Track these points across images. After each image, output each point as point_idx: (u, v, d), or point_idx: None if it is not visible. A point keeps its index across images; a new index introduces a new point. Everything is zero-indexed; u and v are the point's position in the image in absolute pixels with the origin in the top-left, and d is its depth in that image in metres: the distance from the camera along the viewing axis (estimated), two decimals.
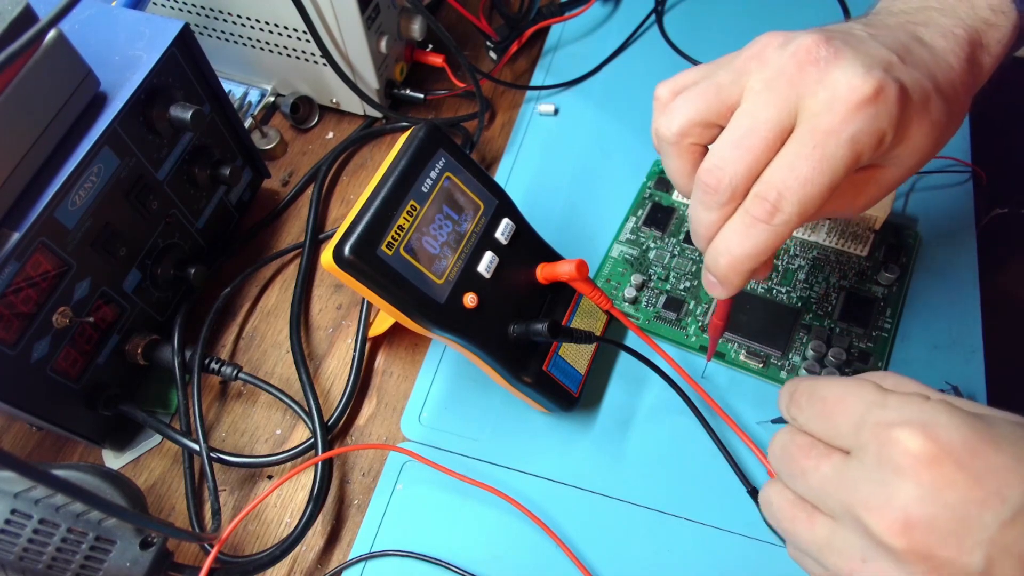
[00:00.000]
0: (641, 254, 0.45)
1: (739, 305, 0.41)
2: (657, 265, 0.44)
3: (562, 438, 0.40)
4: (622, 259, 0.45)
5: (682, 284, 0.43)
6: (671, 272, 0.44)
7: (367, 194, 0.32)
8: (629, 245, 0.45)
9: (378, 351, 0.44)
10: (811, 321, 0.41)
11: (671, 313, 0.42)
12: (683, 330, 0.42)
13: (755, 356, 0.40)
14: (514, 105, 0.54)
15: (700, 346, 0.41)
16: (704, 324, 0.42)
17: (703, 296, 0.42)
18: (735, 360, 0.40)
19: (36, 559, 0.30)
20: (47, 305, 0.34)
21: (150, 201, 0.39)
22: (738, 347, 0.41)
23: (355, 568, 0.37)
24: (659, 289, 0.43)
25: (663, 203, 0.47)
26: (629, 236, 0.46)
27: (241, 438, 0.42)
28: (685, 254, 0.44)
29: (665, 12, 0.58)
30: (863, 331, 0.40)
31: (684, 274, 0.44)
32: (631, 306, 0.43)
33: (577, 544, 0.37)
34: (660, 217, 0.46)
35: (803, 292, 0.42)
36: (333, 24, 0.47)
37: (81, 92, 0.34)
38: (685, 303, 0.42)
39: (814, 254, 0.43)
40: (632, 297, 0.43)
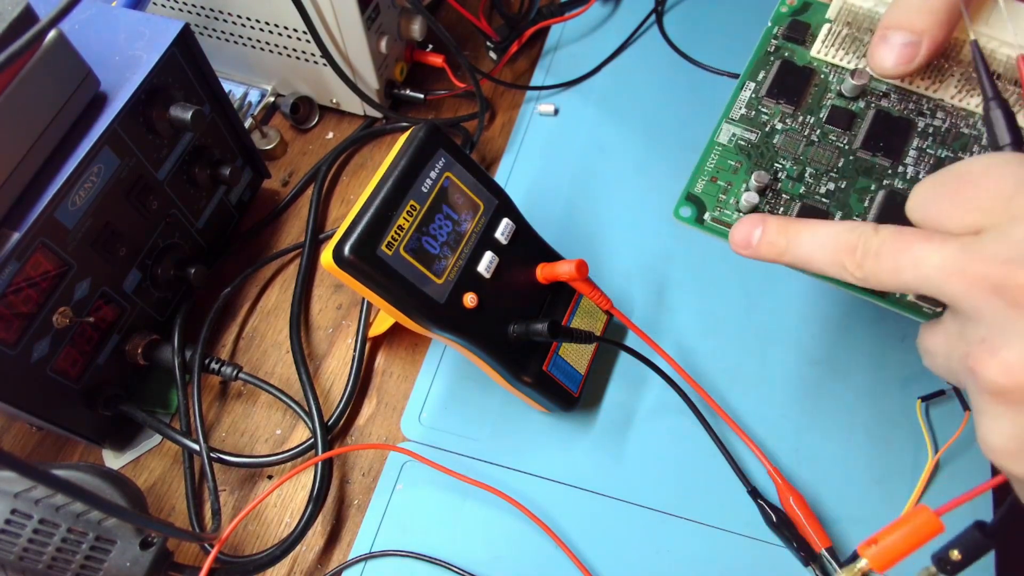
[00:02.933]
0: (763, 139, 0.32)
1: (900, 213, 0.27)
2: (787, 157, 0.32)
3: (562, 438, 0.40)
4: (734, 147, 0.32)
5: (824, 185, 0.31)
6: (807, 167, 0.31)
7: (367, 194, 0.32)
8: (745, 125, 0.33)
9: (378, 351, 0.44)
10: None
11: None
12: None
13: (930, 301, 0.28)
14: (514, 105, 0.54)
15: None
16: None
17: (854, 206, 0.30)
18: (902, 302, 0.28)
19: (36, 559, 0.30)
20: (47, 305, 0.34)
21: (150, 201, 0.39)
22: None
23: (355, 568, 0.37)
24: (789, 194, 0.31)
25: (796, 61, 0.33)
26: (745, 112, 0.33)
27: (241, 438, 0.42)
28: (828, 140, 0.32)
29: (665, 12, 0.58)
30: None
31: (827, 172, 0.31)
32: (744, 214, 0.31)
33: (577, 544, 0.37)
34: (791, 83, 0.33)
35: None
36: (333, 24, 0.47)
37: (81, 92, 0.34)
38: (829, 214, 0.30)
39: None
40: (752, 205, 0.31)
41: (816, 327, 0.43)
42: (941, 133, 0.31)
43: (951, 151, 0.31)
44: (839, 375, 0.41)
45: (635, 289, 0.45)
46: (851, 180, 0.31)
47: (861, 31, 0.32)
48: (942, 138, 0.31)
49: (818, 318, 0.43)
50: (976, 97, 0.30)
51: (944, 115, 0.31)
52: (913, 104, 0.32)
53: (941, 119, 0.31)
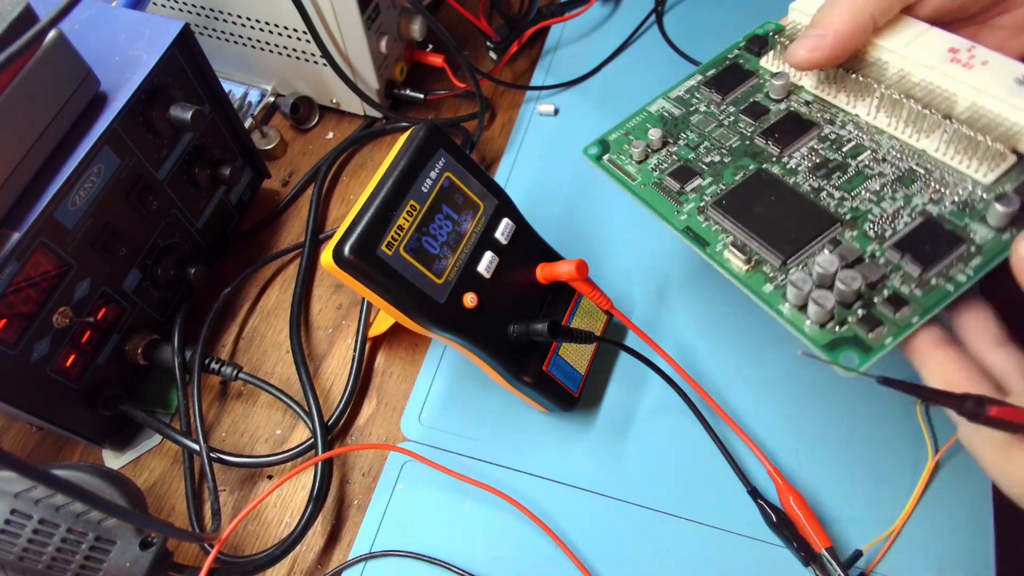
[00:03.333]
0: (684, 116, 0.36)
1: (761, 192, 0.32)
2: (694, 130, 0.36)
3: (562, 438, 0.40)
4: (658, 115, 0.37)
5: (710, 156, 0.34)
6: (705, 141, 0.35)
7: (367, 194, 0.32)
8: (676, 104, 0.37)
9: (378, 351, 0.44)
10: (847, 237, 0.30)
11: (675, 183, 0.34)
12: (677, 205, 0.34)
13: (741, 253, 0.31)
14: (514, 105, 0.54)
15: (686, 227, 0.33)
16: (705, 205, 0.33)
17: (726, 176, 0.33)
18: (714, 253, 0.32)
19: (36, 559, 0.30)
20: (47, 305, 0.34)
21: (150, 201, 0.39)
22: (727, 237, 0.32)
23: (355, 568, 0.37)
24: (678, 156, 0.35)
25: (746, 66, 0.37)
26: (681, 94, 0.37)
27: (241, 438, 0.42)
28: (736, 127, 0.35)
29: (665, 12, 0.58)
30: (919, 271, 0.28)
31: (719, 148, 0.34)
32: (634, 165, 0.35)
33: (577, 544, 0.37)
34: (730, 81, 0.37)
35: (863, 204, 0.31)
36: (333, 24, 0.47)
37: (81, 92, 0.34)
38: (698, 176, 0.34)
39: (911, 164, 0.31)
40: (640, 155, 0.35)
41: None
42: (841, 141, 0.33)
43: (841, 155, 0.33)
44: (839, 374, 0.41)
45: (635, 289, 0.45)
46: (736, 158, 0.34)
47: None
48: (839, 145, 0.33)
49: None
50: (888, 116, 0.32)
51: (853, 128, 0.33)
52: (829, 115, 0.34)
53: (848, 131, 0.33)
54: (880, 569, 0.36)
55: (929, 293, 0.28)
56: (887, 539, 0.36)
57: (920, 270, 0.28)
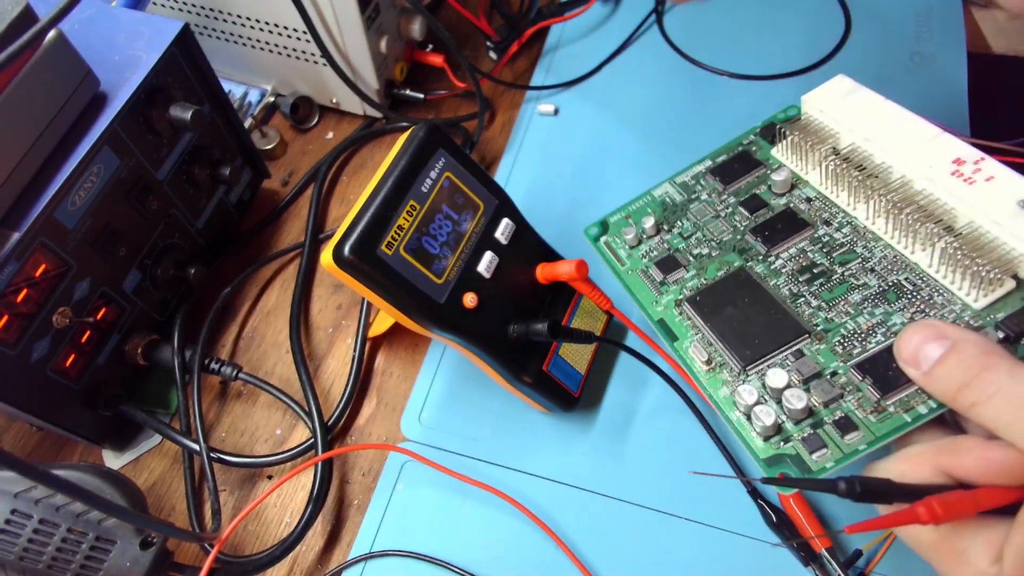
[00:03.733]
0: (684, 202, 0.37)
1: (738, 295, 0.33)
2: (691, 219, 0.36)
3: (562, 438, 0.40)
4: (660, 200, 0.38)
5: (699, 248, 0.35)
6: (699, 231, 0.36)
7: (367, 194, 0.32)
8: (680, 189, 0.38)
9: (378, 351, 0.44)
10: (812, 350, 0.30)
11: (659, 272, 0.35)
12: (657, 295, 0.35)
13: (704, 354, 0.32)
14: (514, 105, 0.54)
15: (660, 320, 0.34)
16: (682, 299, 0.34)
17: (710, 271, 0.34)
18: (680, 349, 0.33)
19: (36, 559, 0.30)
20: (47, 305, 0.34)
21: (150, 201, 0.39)
22: (700, 338, 0.32)
23: (355, 568, 0.37)
24: (669, 245, 0.36)
25: (756, 155, 0.37)
26: (687, 180, 0.38)
27: (241, 438, 0.42)
28: (732, 219, 0.36)
29: (665, 12, 0.58)
30: (876, 398, 0.28)
31: (711, 240, 0.35)
32: (626, 250, 0.37)
33: (577, 544, 0.37)
34: (736, 169, 0.37)
35: (838, 316, 0.30)
36: (333, 24, 0.47)
37: (81, 92, 0.34)
38: (683, 268, 0.35)
39: (900, 277, 0.30)
40: (633, 240, 0.36)
41: None
42: (833, 245, 0.33)
43: (829, 261, 0.32)
44: None
45: None
46: (723, 253, 0.35)
47: (815, 143, 0.34)
48: (830, 248, 0.33)
49: None
50: (886, 222, 0.31)
51: (850, 231, 0.33)
52: (828, 214, 0.34)
53: (843, 234, 0.33)
54: (880, 569, 0.36)
55: (884, 421, 0.27)
56: (887, 539, 0.36)
57: (878, 396, 0.27)
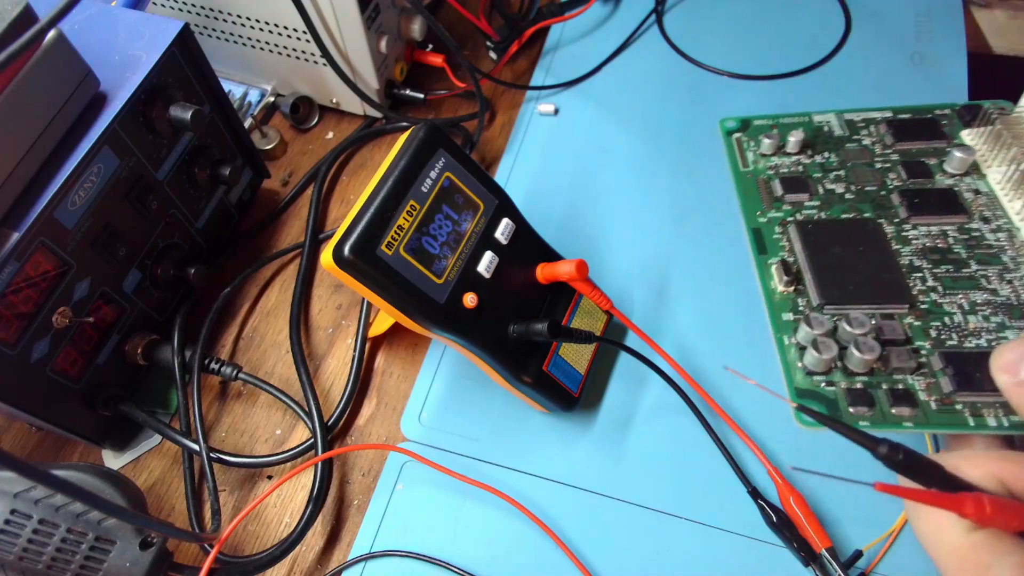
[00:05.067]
0: (842, 138, 0.35)
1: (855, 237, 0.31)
2: (840, 156, 0.35)
3: (562, 438, 0.40)
4: (816, 125, 0.36)
5: (835, 185, 0.34)
6: (844, 170, 0.35)
7: (367, 194, 0.32)
8: (844, 125, 0.36)
9: (378, 351, 0.44)
10: (904, 322, 0.29)
11: (781, 188, 0.34)
12: (766, 207, 0.34)
13: (787, 275, 0.30)
14: (514, 105, 0.54)
15: (756, 228, 0.33)
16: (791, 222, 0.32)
17: (834, 210, 0.33)
18: (763, 263, 0.32)
19: (36, 559, 0.30)
20: (47, 305, 0.34)
21: (150, 201, 0.39)
22: (789, 257, 0.31)
23: (355, 568, 0.37)
24: (804, 168, 0.34)
25: (944, 128, 0.35)
26: (855, 119, 0.36)
27: (241, 438, 0.42)
28: (885, 174, 0.34)
29: (665, 12, 0.58)
30: (950, 389, 0.27)
31: (852, 183, 0.34)
32: (755, 155, 0.35)
33: (577, 544, 0.37)
34: (915, 131, 0.35)
35: (950, 306, 0.29)
36: (333, 24, 0.47)
37: (81, 92, 0.34)
38: (807, 195, 0.33)
39: None
40: (768, 148, 0.35)
41: None
42: (980, 242, 0.31)
43: (967, 253, 0.31)
44: None
45: (635, 289, 0.45)
46: (859, 200, 0.33)
47: (1011, 138, 0.33)
48: (975, 245, 0.31)
49: None
50: None
51: (1005, 239, 0.31)
52: (990, 213, 0.32)
53: (996, 238, 0.31)
54: (880, 569, 0.36)
55: (944, 413, 0.27)
56: (887, 539, 0.36)
57: (953, 388, 0.27)
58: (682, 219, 0.47)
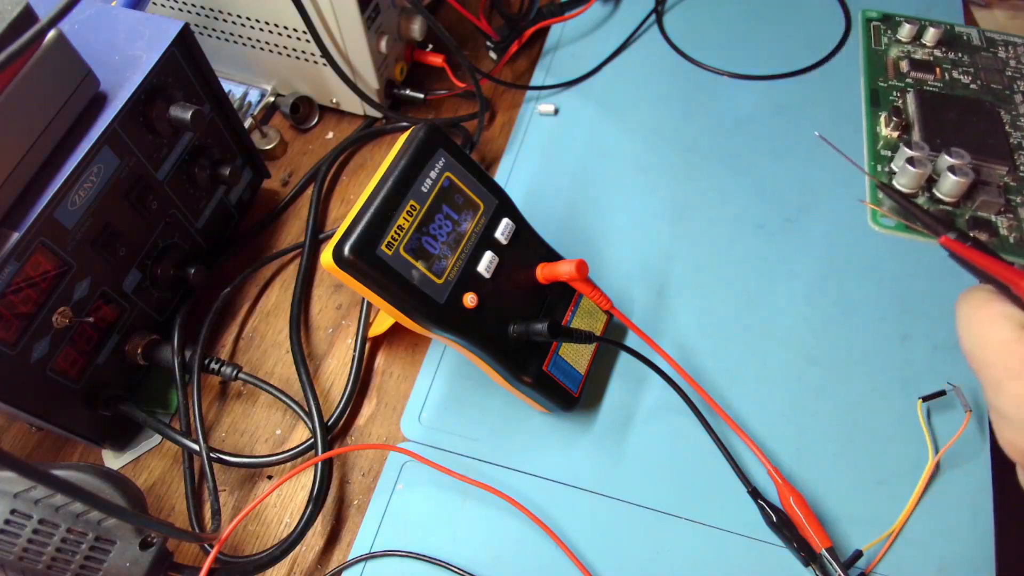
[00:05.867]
0: (981, 46, 0.38)
1: (971, 112, 0.33)
2: (973, 61, 0.38)
3: (562, 438, 0.40)
4: (957, 32, 0.39)
5: (962, 77, 0.37)
6: (975, 67, 0.38)
7: (367, 194, 0.32)
8: (984, 38, 0.39)
9: (378, 351, 0.44)
10: (1002, 174, 0.31)
11: (909, 66, 0.36)
12: (888, 78, 0.36)
13: (897, 118, 0.33)
14: (514, 105, 0.54)
15: (873, 89, 0.35)
16: (908, 91, 0.35)
17: (957, 91, 0.36)
18: (873, 120, 0.34)
19: (36, 559, 0.30)
20: (47, 305, 0.34)
21: (150, 201, 0.39)
22: (896, 106, 0.33)
23: (355, 568, 0.37)
24: (931, 57, 0.37)
25: None
26: (999, 37, 0.40)
27: (241, 438, 0.42)
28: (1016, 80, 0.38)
29: (665, 12, 0.58)
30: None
31: (983, 79, 0.37)
32: (890, 41, 0.38)
33: (577, 544, 0.37)
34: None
35: None
36: (333, 24, 0.47)
37: (81, 92, 0.34)
38: (934, 74, 0.36)
39: None
40: (907, 36, 0.38)
41: (816, 327, 0.43)
42: None
43: None
44: (839, 375, 0.41)
45: (635, 289, 0.45)
46: (981, 91, 0.36)
47: None
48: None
49: (818, 318, 0.43)
50: None
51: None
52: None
53: None
54: (880, 569, 0.36)
55: (1022, 247, 0.28)
56: (887, 539, 0.36)
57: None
58: (682, 219, 0.47)
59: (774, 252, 0.46)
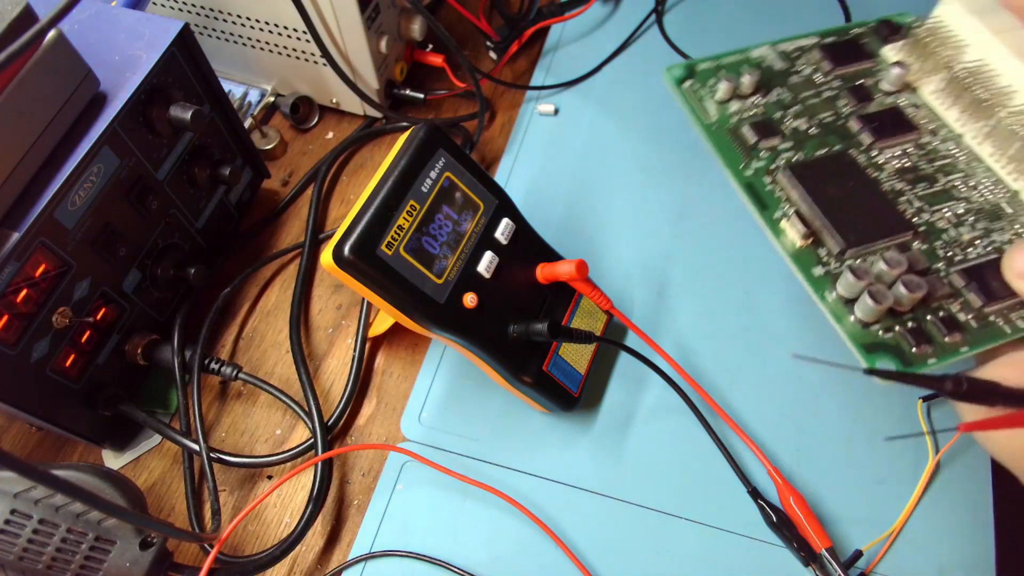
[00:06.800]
0: (784, 71, 0.34)
1: (841, 175, 0.30)
2: (791, 91, 0.34)
3: (562, 438, 0.40)
4: (758, 61, 0.35)
5: (797, 123, 0.32)
6: (800, 105, 0.33)
7: (367, 194, 0.32)
8: (781, 57, 0.35)
9: (378, 351, 0.44)
10: (915, 247, 0.29)
11: (752, 135, 0.32)
12: (746, 159, 0.32)
13: (802, 228, 0.29)
14: (514, 105, 0.54)
15: (748, 184, 0.31)
16: (775, 168, 0.31)
17: (808, 149, 0.32)
18: (771, 219, 0.30)
19: (36, 559, 0.30)
20: (47, 305, 0.34)
21: (150, 201, 0.39)
22: (790, 208, 0.30)
23: (355, 568, 0.37)
24: (765, 109, 0.33)
25: (867, 47, 0.35)
26: (790, 49, 0.35)
27: (241, 438, 0.42)
28: (835, 103, 0.33)
29: (665, 12, 0.58)
30: (980, 304, 0.27)
31: (811, 118, 0.33)
32: (714, 104, 0.33)
33: (577, 544, 0.37)
34: (846, 54, 0.35)
35: (941, 222, 0.29)
36: (333, 24, 0.47)
37: (81, 92, 0.34)
38: (779, 137, 0.32)
39: (1001, 200, 0.30)
40: (724, 95, 0.33)
41: (816, 326, 0.43)
42: (936, 155, 0.31)
43: (932, 168, 0.31)
44: (839, 375, 0.41)
45: (635, 289, 0.45)
46: (824, 134, 0.32)
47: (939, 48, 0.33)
48: (933, 157, 0.31)
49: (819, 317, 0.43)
50: (991, 145, 0.30)
51: (954, 146, 0.32)
52: (934, 125, 0.32)
53: (947, 148, 0.31)
54: (880, 569, 0.36)
55: (984, 328, 0.27)
56: (887, 539, 0.36)
57: (982, 302, 0.27)
58: (682, 219, 0.47)
59: (774, 252, 0.45)
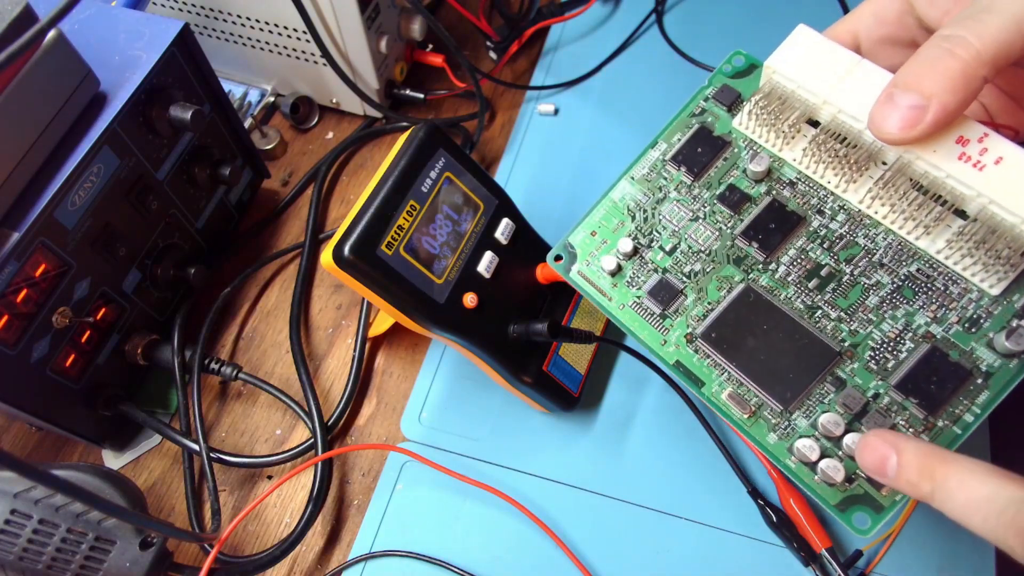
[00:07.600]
0: (653, 204, 0.32)
1: (754, 321, 0.29)
2: (665, 227, 0.31)
3: (562, 438, 0.40)
4: (624, 206, 0.32)
5: (689, 265, 0.30)
6: (682, 241, 0.31)
7: (367, 194, 0.32)
8: (642, 186, 0.32)
9: (378, 351, 0.44)
10: (849, 374, 0.28)
11: (655, 304, 0.30)
12: (663, 333, 0.30)
13: (741, 402, 0.28)
14: (514, 105, 0.54)
15: (676, 362, 0.29)
16: (693, 333, 0.29)
17: (711, 292, 0.30)
18: (711, 396, 0.29)
19: (36, 559, 0.30)
20: (47, 305, 0.34)
21: (150, 201, 0.39)
22: (726, 379, 0.29)
23: (355, 568, 0.37)
24: (654, 264, 0.31)
25: (715, 129, 0.32)
26: (646, 173, 0.32)
27: (241, 438, 0.42)
28: (713, 220, 0.30)
29: (665, 12, 0.58)
30: (923, 415, 0.26)
31: (698, 251, 0.30)
32: (608, 279, 0.31)
33: (577, 544, 0.37)
34: (700, 152, 0.31)
35: (861, 326, 0.28)
36: (333, 24, 0.47)
37: (81, 92, 0.34)
38: (680, 294, 0.30)
39: (910, 268, 0.28)
40: (611, 268, 0.31)
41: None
42: (831, 238, 0.29)
43: (833, 259, 0.29)
44: None
45: None
46: (719, 266, 0.30)
47: (783, 111, 0.30)
48: (830, 243, 0.29)
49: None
50: (884, 206, 0.28)
51: (844, 218, 0.29)
52: (817, 198, 0.30)
53: (839, 223, 0.29)
54: (880, 569, 0.36)
55: (936, 438, 0.26)
56: (887, 539, 0.36)
57: (925, 414, 0.26)
58: None
59: None
